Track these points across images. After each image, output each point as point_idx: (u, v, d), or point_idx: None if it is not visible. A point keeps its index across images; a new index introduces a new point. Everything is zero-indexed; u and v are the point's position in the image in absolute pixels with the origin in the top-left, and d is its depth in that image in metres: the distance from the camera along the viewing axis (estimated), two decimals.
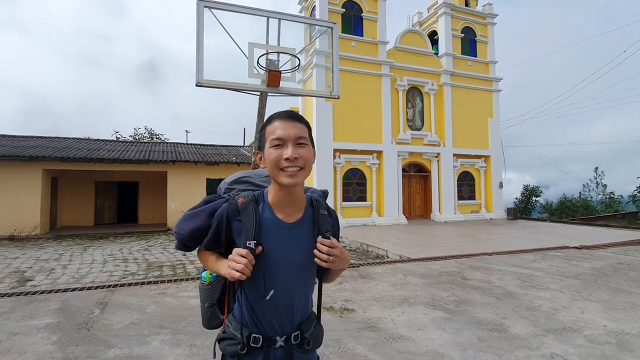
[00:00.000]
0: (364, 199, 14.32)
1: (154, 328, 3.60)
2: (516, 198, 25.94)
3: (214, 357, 1.17)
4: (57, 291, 4.92)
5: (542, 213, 25.81)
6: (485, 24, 17.06)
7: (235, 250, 1.01)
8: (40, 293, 4.83)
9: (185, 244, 1.19)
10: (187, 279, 5.59)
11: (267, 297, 1.06)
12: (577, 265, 6.48)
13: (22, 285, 5.48)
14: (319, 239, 1.04)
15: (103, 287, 5.15)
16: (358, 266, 6.45)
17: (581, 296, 4.61)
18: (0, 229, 11.06)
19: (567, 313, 3.98)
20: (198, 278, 5.61)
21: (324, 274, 1.19)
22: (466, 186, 16.33)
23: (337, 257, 1.03)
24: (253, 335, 1.07)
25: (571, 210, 23.70)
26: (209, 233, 1.14)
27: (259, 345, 1.07)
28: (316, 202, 1.15)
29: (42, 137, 15.55)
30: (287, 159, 1.00)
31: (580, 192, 26.48)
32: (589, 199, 28.48)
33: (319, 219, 1.12)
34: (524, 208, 24.70)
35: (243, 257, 0.98)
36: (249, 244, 1.02)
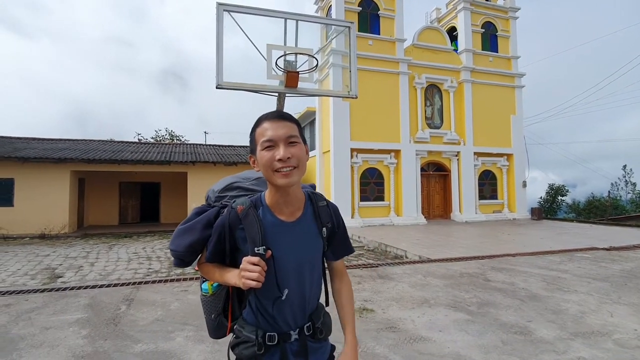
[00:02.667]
0: (381, 198, 14.21)
1: (177, 324, 3.70)
2: (541, 197, 25.16)
3: None
4: (86, 287, 5.13)
5: (568, 213, 24.90)
6: (506, 18, 16.58)
7: (245, 259, 0.99)
8: (70, 289, 5.04)
9: (183, 260, 1.17)
10: None
11: (283, 297, 1.07)
12: (606, 267, 6.22)
13: (53, 282, 5.74)
14: None
15: (128, 284, 5.32)
16: (377, 266, 6.41)
17: (610, 299, 4.42)
18: (32, 227, 11.61)
19: (595, 316, 3.84)
20: None
21: (336, 296, 1.24)
22: (487, 185, 15.94)
23: None
24: (268, 334, 1.08)
25: (600, 210, 22.76)
26: (210, 245, 1.12)
27: (274, 343, 1.08)
28: (313, 195, 1.16)
29: (69, 140, 16.23)
30: (279, 159, 0.99)
31: (609, 191, 25.39)
32: (618, 198, 27.29)
33: (319, 211, 1.13)
34: (549, 208, 23.89)
35: (255, 264, 0.97)
36: (258, 250, 1.02)
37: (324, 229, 1.13)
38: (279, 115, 1.05)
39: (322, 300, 1.24)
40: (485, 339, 3.30)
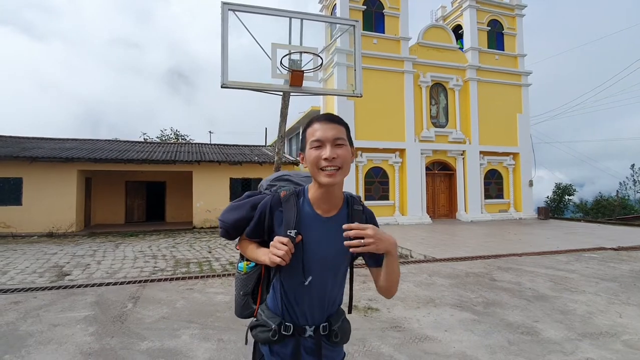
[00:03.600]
0: (386, 197, 14.17)
1: (183, 322, 3.72)
2: (547, 197, 24.88)
3: (246, 343, 1.25)
4: (93, 285, 5.18)
5: (575, 213, 24.64)
6: (513, 15, 16.44)
7: (276, 238, 1.05)
8: (78, 287, 5.09)
9: (228, 232, 1.28)
10: (213, 276, 5.74)
11: (306, 283, 1.11)
12: (614, 267, 6.15)
13: (60, 279, 5.80)
14: (344, 225, 1.00)
15: (134, 282, 5.36)
16: None
17: (619, 299, 4.37)
18: (40, 226, 11.74)
19: (603, 317, 3.79)
20: (224, 275, 5.76)
21: (381, 279, 1.11)
22: (493, 184, 15.82)
23: (371, 237, 0.97)
24: (285, 323, 1.13)
25: (608, 210, 22.50)
26: (252, 222, 1.20)
27: (289, 333, 1.12)
28: (351, 199, 1.21)
29: (76, 140, 16.37)
30: (325, 158, 1.05)
31: (617, 191, 25.05)
32: (626, 197, 26.93)
33: (353, 214, 1.17)
34: (556, 207, 23.66)
35: (284, 244, 1.03)
36: (290, 232, 1.08)
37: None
38: (329, 117, 1.12)
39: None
40: (491, 339, 3.28)
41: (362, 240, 0.97)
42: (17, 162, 11.67)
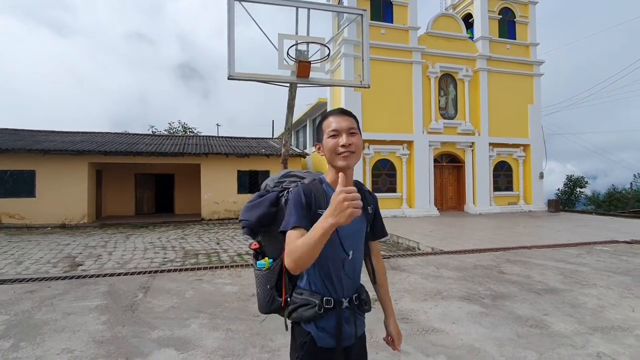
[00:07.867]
0: (393, 190, 14.10)
1: (192, 312, 3.78)
2: (558, 189, 24.51)
3: (287, 329, 1.36)
4: (105, 275, 5.28)
5: (587, 205, 24.26)
6: (525, 3, 15.99)
7: (340, 189, 0.98)
8: (90, 277, 5.20)
9: (252, 229, 1.38)
10: (222, 267, 5.80)
11: (350, 257, 1.26)
12: (628, 260, 6.04)
13: (73, 270, 5.93)
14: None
15: (145, 272, 5.45)
16: (388, 258, 6.39)
17: (632, 293, 4.30)
18: (54, 217, 11.99)
19: (615, 311, 3.74)
20: (232, 266, 5.82)
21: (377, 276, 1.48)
22: (503, 177, 15.61)
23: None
24: (325, 298, 1.23)
25: (621, 203, 22.09)
26: (298, 210, 1.17)
27: (331, 307, 1.23)
28: (359, 183, 1.37)
29: (86, 133, 16.57)
30: (342, 145, 1.20)
31: (631, 183, 24.52)
32: None
33: (365, 194, 1.34)
34: (567, 200, 23.30)
35: (352, 193, 0.97)
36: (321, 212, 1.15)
37: (369, 207, 1.35)
38: (342, 111, 1.29)
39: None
40: (499, 331, 3.26)
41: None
42: (30, 155, 11.88)
